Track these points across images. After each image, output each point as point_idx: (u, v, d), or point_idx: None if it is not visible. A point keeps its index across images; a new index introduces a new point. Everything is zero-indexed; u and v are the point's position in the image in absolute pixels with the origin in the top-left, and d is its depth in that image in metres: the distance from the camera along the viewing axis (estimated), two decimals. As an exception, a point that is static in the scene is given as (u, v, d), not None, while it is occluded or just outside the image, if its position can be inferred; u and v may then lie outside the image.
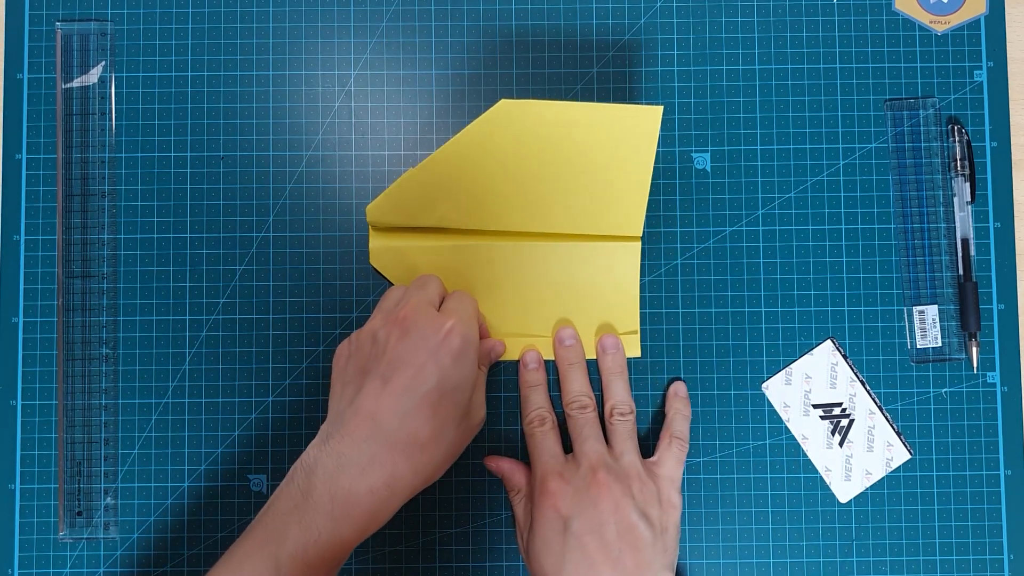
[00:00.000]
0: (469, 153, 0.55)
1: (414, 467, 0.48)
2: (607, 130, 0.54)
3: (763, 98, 0.59)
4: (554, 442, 0.55)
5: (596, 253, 0.58)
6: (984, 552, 0.57)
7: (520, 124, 0.54)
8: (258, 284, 0.59)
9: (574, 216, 0.57)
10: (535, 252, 0.58)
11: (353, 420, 0.48)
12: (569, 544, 0.50)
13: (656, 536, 0.51)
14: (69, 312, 0.58)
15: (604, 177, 0.56)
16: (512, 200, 0.56)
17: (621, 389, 0.56)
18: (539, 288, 0.58)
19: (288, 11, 0.60)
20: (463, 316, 0.52)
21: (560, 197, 0.56)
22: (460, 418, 0.50)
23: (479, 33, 0.60)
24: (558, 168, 0.56)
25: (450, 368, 0.49)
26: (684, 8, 0.60)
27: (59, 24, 0.59)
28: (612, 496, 0.51)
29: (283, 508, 0.47)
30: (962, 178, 0.58)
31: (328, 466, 0.47)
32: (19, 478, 0.58)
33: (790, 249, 0.59)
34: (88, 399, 0.58)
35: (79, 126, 0.59)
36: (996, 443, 0.58)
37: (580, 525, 0.50)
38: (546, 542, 0.50)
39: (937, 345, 0.58)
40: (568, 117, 0.54)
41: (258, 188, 0.59)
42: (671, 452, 0.55)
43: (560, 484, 0.52)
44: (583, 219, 0.57)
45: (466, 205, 0.56)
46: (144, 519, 0.58)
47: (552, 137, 0.55)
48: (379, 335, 0.51)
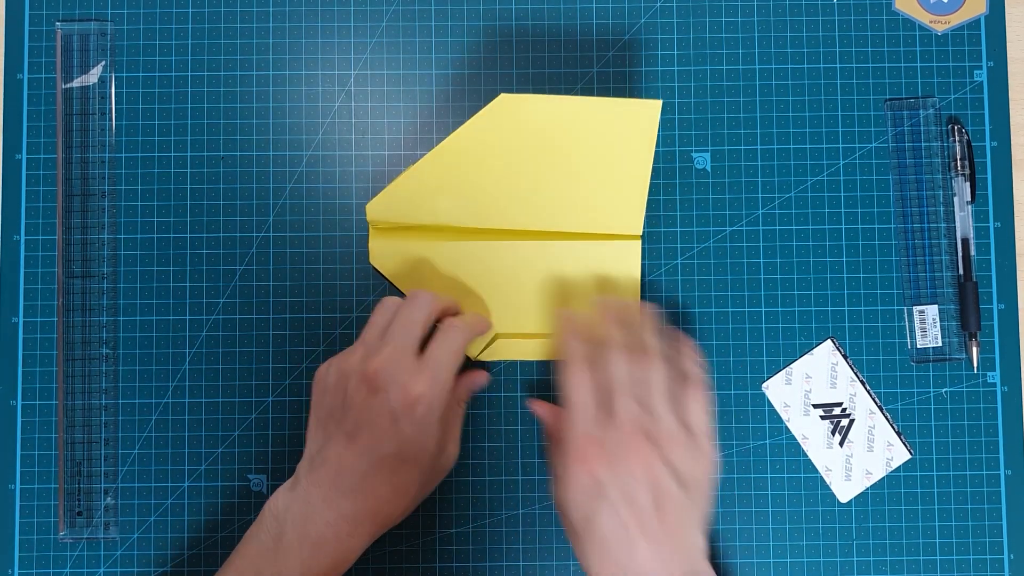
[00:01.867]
0: (469, 148, 0.55)
1: (378, 519, 0.50)
2: (606, 124, 0.54)
3: (763, 98, 0.59)
4: (589, 392, 0.51)
5: (597, 252, 0.58)
6: (984, 552, 0.57)
7: (520, 118, 0.54)
8: (258, 284, 0.59)
9: (575, 213, 0.57)
10: (536, 251, 0.58)
11: (321, 468, 0.50)
12: (601, 507, 0.48)
13: (690, 497, 0.49)
14: (69, 312, 0.58)
15: (603, 172, 0.56)
16: (512, 197, 0.56)
17: (649, 334, 0.53)
18: (540, 287, 0.58)
19: (288, 11, 0.60)
20: (437, 375, 0.51)
21: (560, 193, 0.56)
22: (425, 472, 0.51)
23: (479, 33, 0.60)
24: (557, 163, 0.56)
25: (413, 436, 0.50)
26: (684, 8, 0.60)
27: (59, 24, 0.59)
28: (647, 461, 0.49)
29: (254, 551, 0.50)
30: (962, 178, 0.58)
31: (296, 512, 0.50)
32: (19, 478, 0.58)
33: (790, 249, 0.59)
34: (88, 399, 0.58)
35: (79, 126, 0.59)
36: (996, 443, 0.58)
37: (614, 490, 0.48)
38: (577, 503, 0.49)
39: (937, 345, 0.58)
40: (567, 111, 0.54)
41: (258, 188, 0.59)
42: (696, 400, 0.52)
43: (595, 449, 0.49)
44: (584, 217, 0.57)
45: (466, 202, 0.57)
46: (144, 519, 0.58)
47: (551, 131, 0.55)
48: (350, 387, 0.51)
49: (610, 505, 0.48)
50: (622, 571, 0.48)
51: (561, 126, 0.54)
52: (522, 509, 0.58)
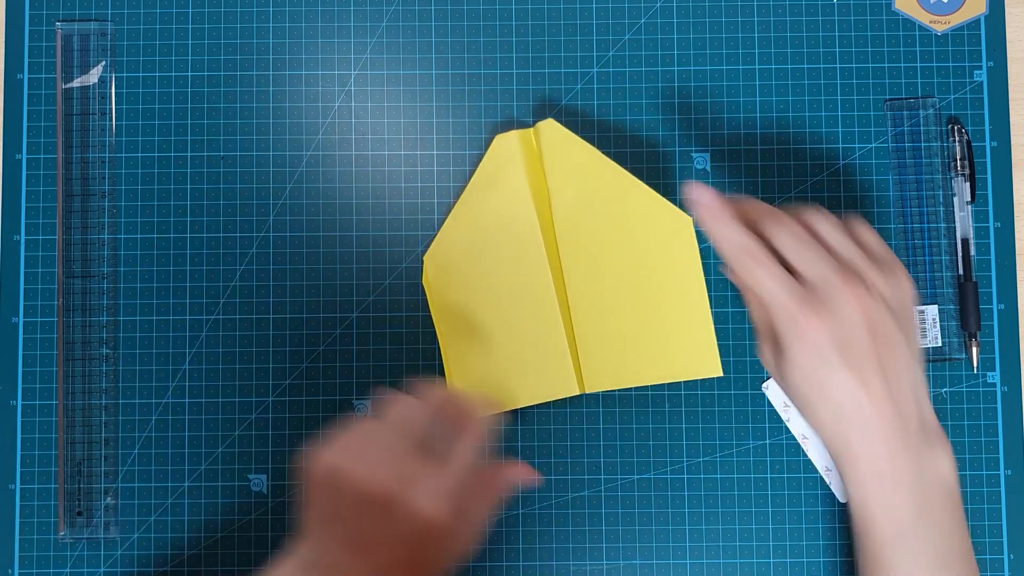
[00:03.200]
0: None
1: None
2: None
3: (763, 98, 0.59)
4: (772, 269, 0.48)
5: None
6: (984, 552, 0.57)
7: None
8: (258, 284, 0.59)
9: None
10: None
11: (330, 570, 0.46)
12: (833, 371, 0.47)
13: (902, 328, 0.48)
14: (69, 312, 0.58)
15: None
16: (570, 263, 0.57)
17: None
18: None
19: (288, 11, 0.60)
20: (457, 502, 0.46)
21: (616, 280, 0.56)
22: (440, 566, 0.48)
23: (479, 33, 0.60)
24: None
25: (427, 554, 0.46)
26: (684, 8, 0.60)
27: (59, 24, 0.59)
28: (858, 303, 0.47)
29: None
30: (962, 178, 0.58)
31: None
32: (19, 478, 0.58)
33: (790, 249, 0.59)
34: (88, 399, 0.58)
35: (79, 126, 0.59)
36: (996, 443, 0.58)
37: (841, 354, 0.47)
38: (807, 374, 0.48)
39: (937, 345, 0.58)
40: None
41: (258, 188, 0.59)
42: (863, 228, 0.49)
43: (813, 321, 0.47)
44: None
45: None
46: (144, 519, 0.58)
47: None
48: (353, 501, 0.46)
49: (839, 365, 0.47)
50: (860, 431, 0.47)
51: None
52: (522, 509, 0.58)
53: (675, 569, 0.57)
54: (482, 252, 0.57)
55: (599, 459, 0.58)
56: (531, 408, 0.58)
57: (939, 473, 0.48)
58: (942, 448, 0.49)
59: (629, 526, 0.58)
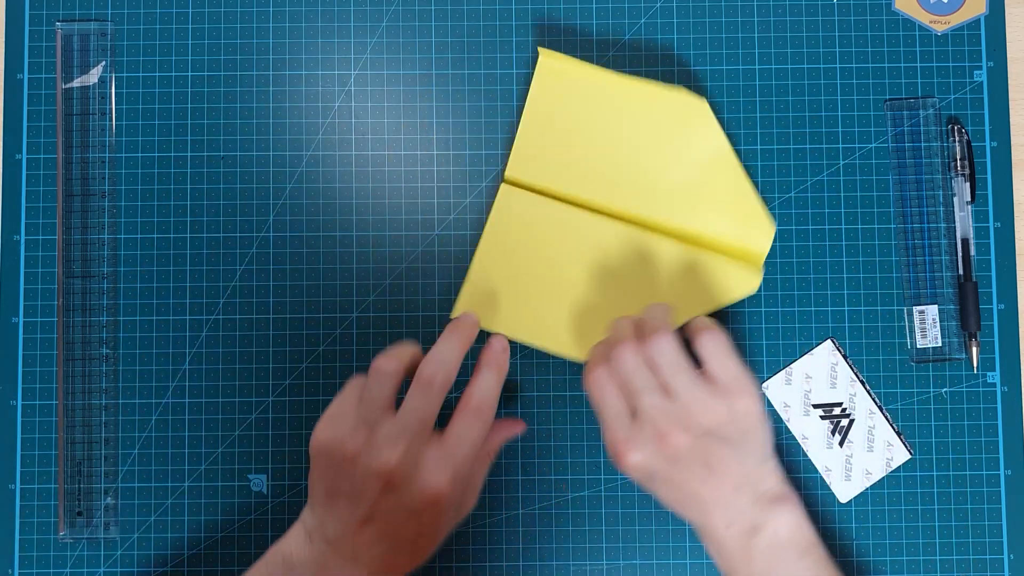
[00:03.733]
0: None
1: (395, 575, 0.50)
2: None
3: (763, 98, 0.59)
4: (613, 395, 0.51)
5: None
6: (984, 552, 0.57)
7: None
8: (258, 284, 0.59)
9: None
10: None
11: (335, 540, 0.49)
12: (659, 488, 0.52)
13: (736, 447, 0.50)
14: (69, 312, 0.58)
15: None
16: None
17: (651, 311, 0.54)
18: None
19: (288, 11, 0.60)
20: (459, 470, 0.50)
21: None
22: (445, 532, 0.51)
23: (479, 33, 0.60)
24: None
25: (433, 522, 0.49)
26: (684, 8, 0.60)
27: (59, 24, 0.59)
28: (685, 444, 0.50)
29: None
30: (962, 178, 0.58)
31: (311, 572, 0.49)
32: (19, 478, 0.58)
33: (790, 249, 0.59)
34: (88, 399, 0.58)
35: (79, 126, 0.59)
36: (996, 443, 0.58)
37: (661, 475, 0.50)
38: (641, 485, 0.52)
39: (937, 345, 0.58)
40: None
41: (258, 188, 0.59)
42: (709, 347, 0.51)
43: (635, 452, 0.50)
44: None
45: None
46: (144, 519, 0.58)
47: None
48: (358, 476, 0.48)
49: (665, 485, 0.51)
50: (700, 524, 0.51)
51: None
52: (522, 509, 0.58)
53: (675, 569, 0.57)
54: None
55: (599, 459, 0.58)
56: (531, 408, 0.58)
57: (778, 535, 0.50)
58: (781, 508, 0.50)
59: (629, 526, 0.58)
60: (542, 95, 0.57)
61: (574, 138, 0.57)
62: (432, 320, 0.58)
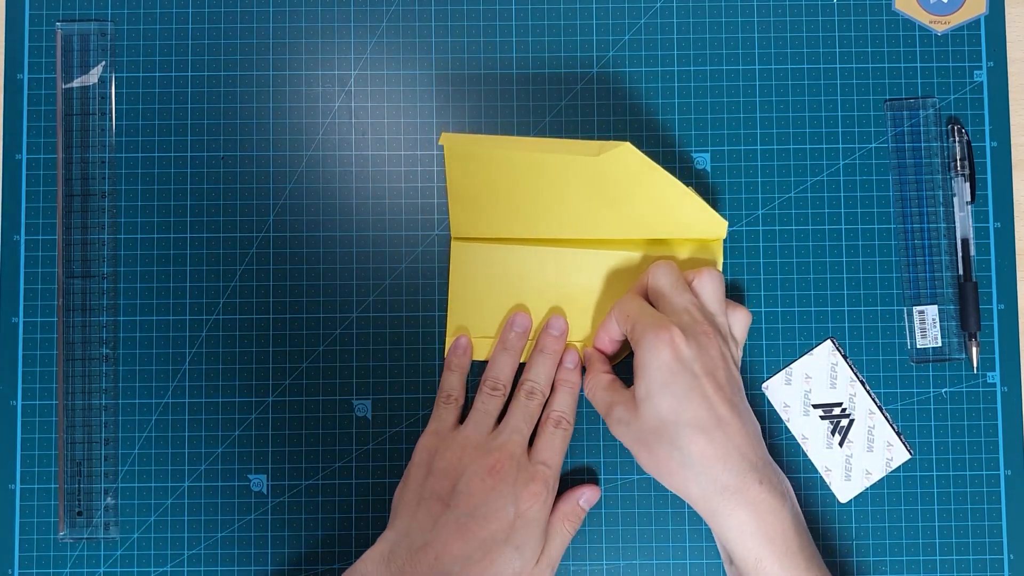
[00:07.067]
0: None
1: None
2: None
3: (763, 98, 0.59)
4: (647, 307, 0.54)
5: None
6: (984, 552, 0.57)
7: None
8: (258, 284, 0.59)
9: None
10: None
11: (421, 552, 0.51)
12: (691, 383, 0.50)
13: None
14: (69, 312, 0.58)
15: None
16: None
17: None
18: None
19: (288, 11, 0.60)
20: (548, 479, 0.53)
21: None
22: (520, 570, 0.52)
23: (479, 33, 0.60)
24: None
25: (523, 531, 0.52)
26: (684, 8, 0.60)
27: (59, 24, 0.60)
28: (718, 344, 0.52)
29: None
30: (962, 178, 0.58)
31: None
32: (19, 478, 0.58)
33: (790, 249, 0.59)
34: (88, 399, 0.58)
35: (79, 126, 0.59)
36: (996, 443, 0.58)
37: (700, 365, 0.51)
38: (665, 384, 0.50)
39: (937, 345, 0.58)
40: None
41: (258, 188, 0.59)
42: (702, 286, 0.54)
43: (673, 329, 0.51)
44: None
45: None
46: (144, 519, 0.58)
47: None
48: (468, 472, 0.52)
49: (697, 380, 0.50)
50: (722, 453, 0.50)
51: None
52: (522, 509, 0.58)
53: (675, 569, 0.57)
54: None
55: (599, 459, 0.58)
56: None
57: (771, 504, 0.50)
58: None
59: (629, 526, 0.58)
60: (459, 172, 0.55)
61: (504, 197, 0.56)
62: (432, 320, 0.58)
